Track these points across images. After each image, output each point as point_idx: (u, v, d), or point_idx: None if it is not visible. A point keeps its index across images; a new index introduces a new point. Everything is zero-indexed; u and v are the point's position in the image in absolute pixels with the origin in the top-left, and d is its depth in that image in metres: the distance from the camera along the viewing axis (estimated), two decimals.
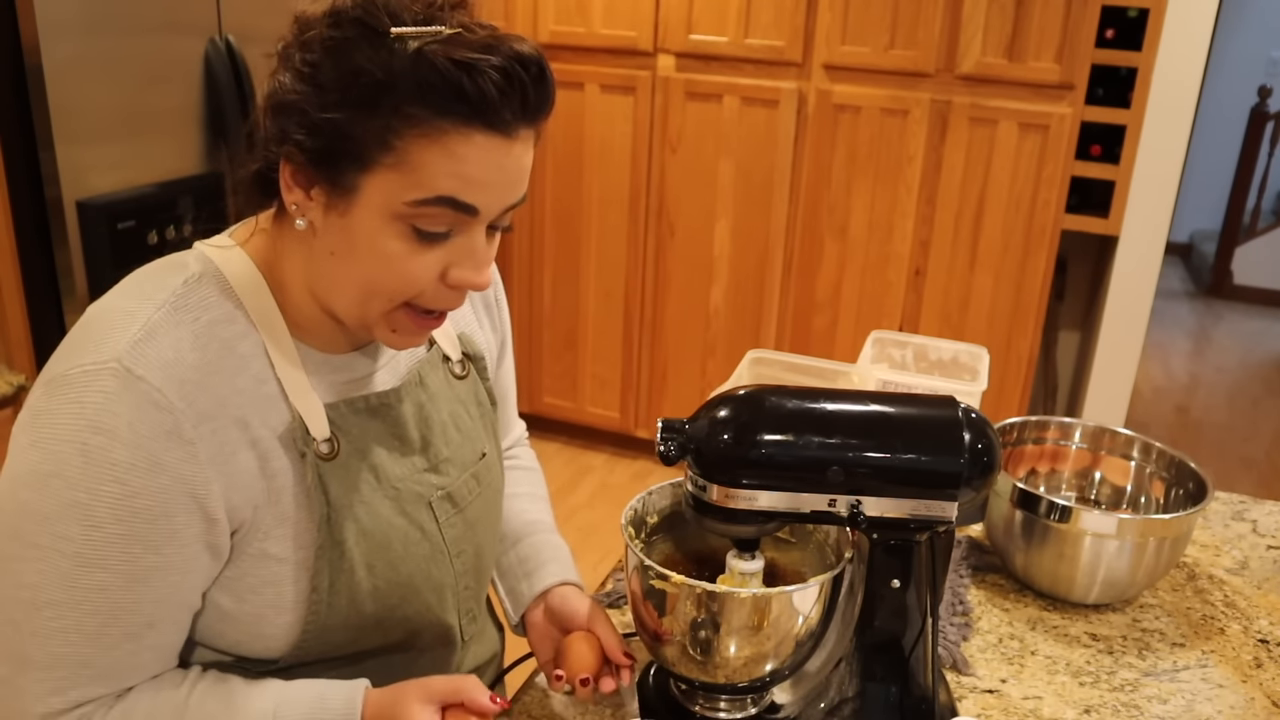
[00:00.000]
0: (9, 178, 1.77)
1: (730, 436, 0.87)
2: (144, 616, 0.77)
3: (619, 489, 3.33)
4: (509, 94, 0.74)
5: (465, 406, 0.98)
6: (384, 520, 0.88)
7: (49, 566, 0.74)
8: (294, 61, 0.76)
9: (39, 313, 1.85)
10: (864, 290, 3.00)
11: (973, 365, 1.53)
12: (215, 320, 0.80)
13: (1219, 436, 4.05)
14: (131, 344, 0.75)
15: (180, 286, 0.80)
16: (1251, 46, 5.65)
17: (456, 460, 0.96)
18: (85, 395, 0.74)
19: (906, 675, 0.93)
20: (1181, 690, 1.07)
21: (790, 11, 2.84)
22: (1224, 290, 5.79)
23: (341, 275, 0.79)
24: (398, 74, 0.72)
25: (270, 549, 0.82)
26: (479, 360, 1.01)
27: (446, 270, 0.80)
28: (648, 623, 0.94)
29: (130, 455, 0.73)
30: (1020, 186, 2.76)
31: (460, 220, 0.78)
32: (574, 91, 3.13)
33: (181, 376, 0.76)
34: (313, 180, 0.77)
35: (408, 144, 0.73)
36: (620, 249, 3.25)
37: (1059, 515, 1.15)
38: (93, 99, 1.82)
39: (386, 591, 0.88)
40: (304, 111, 0.75)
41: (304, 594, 0.84)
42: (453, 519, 0.94)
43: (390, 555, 0.88)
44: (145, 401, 0.74)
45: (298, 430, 0.82)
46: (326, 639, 0.86)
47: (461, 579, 0.96)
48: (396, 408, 0.90)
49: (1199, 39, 2.63)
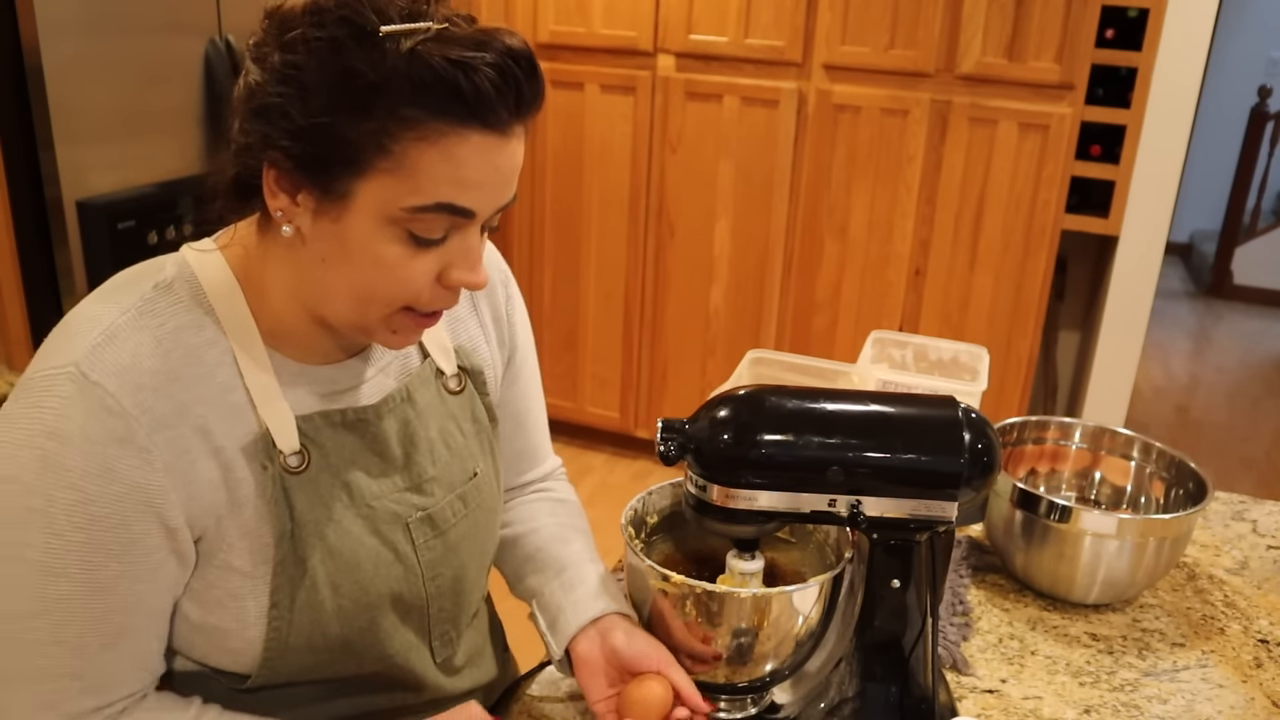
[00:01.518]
0: (9, 178, 1.77)
1: (730, 436, 0.87)
2: (114, 625, 0.76)
3: (619, 489, 3.33)
4: (504, 91, 0.72)
5: (458, 423, 0.95)
6: (354, 539, 0.85)
7: (15, 572, 0.73)
8: (272, 61, 0.73)
9: (39, 313, 1.85)
10: (864, 290, 3.00)
11: (973, 365, 1.53)
12: (182, 326, 0.78)
13: (1219, 436, 4.05)
14: (90, 349, 0.74)
15: (150, 291, 0.78)
16: (1251, 46, 5.65)
17: (443, 480, 0.92)
18: (44, 400, 0.73)
19: (906, 675, 0.93)
20: (1181, 690, 1.07)
21: (790, 11, 2.84)
22: (1224, 290, 5.79)
23: (336, 282, 0.77)
24: (391, 75, 0.69)
25: (233, 561, 0.80)
26: (477, 375, 0.97)
27: (443, 272, 0.78)
28: (647, 623, 0.94)
29: (84, 462, 0.72)
30: (1020, 186, 2.76)
31: (457, 224, 0.76)
32: (574, 91, 3.13)
33: (138, 382, 0.74)
34: (299, 185, 0.74)
35: (405, 147, 0.71)
36: (620, 249, 3.25)
37: (1059, 515, 1.15)
38: (93, 99, 1.82)
39: (353, 613, 0.85)
40: (289, 115, 0.71)
41: (264, 610, 0.81)
42: (431, 541, 0.91)
43: (359, 576, 0.85)
44: (99, 407, 0.72)
45: (262, 441, 0.79)
46: (291, 660, 0.84)
47: (435, 601, 0.92)
48: (376, 424, 0.87)
49: (1199, 39, 2.63)
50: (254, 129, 0.74)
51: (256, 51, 0.74)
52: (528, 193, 3.30)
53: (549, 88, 3.58)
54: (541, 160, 3.25)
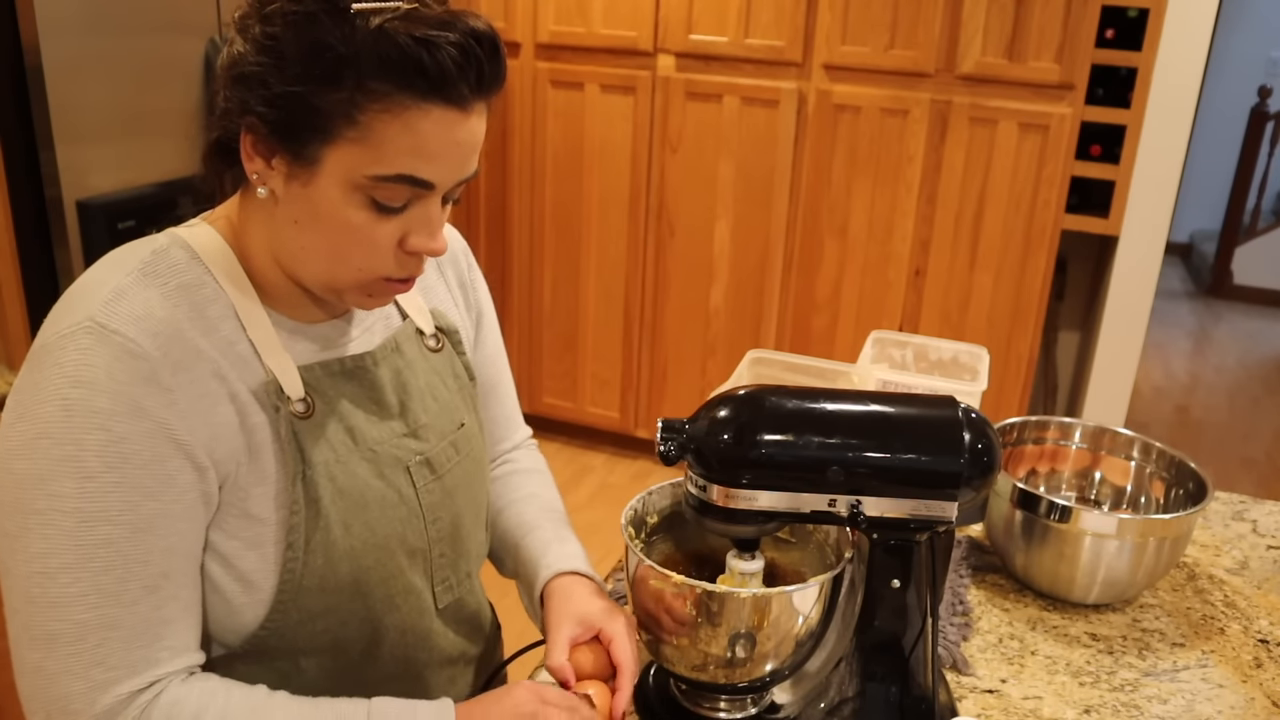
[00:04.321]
0: (9, 178, 1.77)
1: (730, 436, 0.87)
2: (157, 567, 0.77)
3: (619, 489, 3.33)
4: (466, 69, 0.76)
5: (441, 378, 0.99)
6: (361, 481, 0.88)
7: (52, 529, 0.74)
8: (254, 33, 0.78)
9: (39, 313, 1.85)
10: (864, 290, 3.00)
11: (973, 365, 1.53)
12: (185, 284, 0.82)
13: (1219, 436, 4.05)
14: (103, 303, 0.77)
15: (149, 255, 0.82)
16: (1251, 46, 5.65)
17: (435, 427, 0.96)
18: (63, 356, 0.75)
19: (906, 675, 0.93)
20: (1181, 690, 1.07)
21: (790, 11, 2.84)
22: (1224, 290, 5.79)
23: (306, 244, 0.82)
24: (360, 48, 0.74)
25: (252, 509, 0.83)
26: (453, 334, 1.03)
27: (404, 238, 0.82)
28: (648, 623, 0.94)
29: (111, 402, 0.74)
30: (1020, 186, 2.76)
31: (417, 194, 0.81)
32: (574, 91, 3.13)
33: (154, 329, 0.77)
34: (274, 150, 0.79)
35: (370, 119, 0.75)
36: (620, 249, 3.25)
37: (1059, 515, 1.15)
38: (93, 99, 1.82)
39: (362, 552, 0.88)
40: (265, 83, 0.77)
41: (281, 553, 0.84)
42: (431, 485, 0.95)
43: (367, 516, 0.89)
44: (121, 351, 0.75)
45: (272, 386, 0.83)
46: (303, 603, 0.86)
47: (436, 545, 0.96)
48: (373, 371, 0.92)
49: (1199, 39, 2.63)
50: (234, 95, 0.79)
51: (241, 23, 0.80)
52: (528, 193, 3.30)
53: (549, 87, 3.58)
54: (541, 160, 3.25)
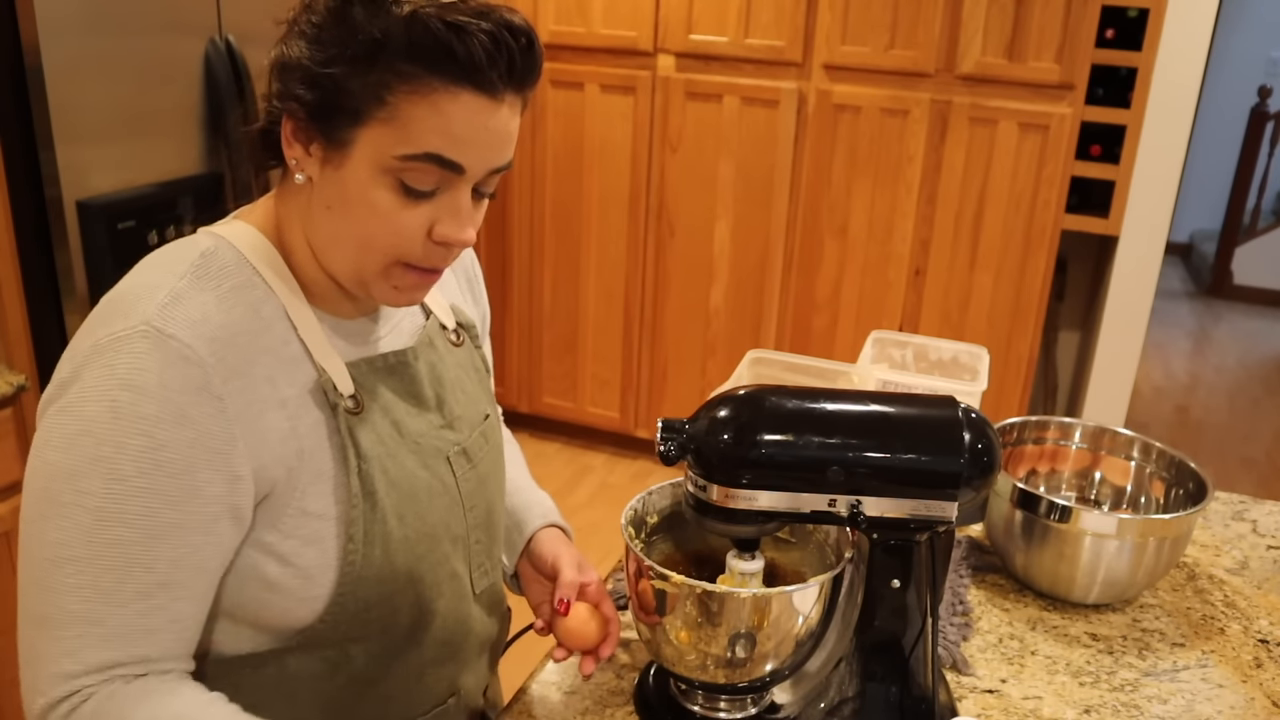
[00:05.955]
0: (9, 178, 1.77)
1: (730, 436, 0.87)
2: (158, 575, 0.78)
3: (619, 489, 3.33)
4: (496, 57, 0.78)
5: (465, 372, 1.02)
6: (409, 472, 0.91)
7: (71, 523, 0.76)
8: (300, 25, 0.81)
9: (39, 313, 1.85)
10: (864, 290, 3.00)
11: (973, 365, 1.53)
12: (237, 286, 0.83)
13: (1219, 436, 4.05)
14: (160, 307, 0.78)
15: (198, 258, 0.83)
16: (1251, 46, 5.65)
17: (466, 419, 0.99)
18: (116, 358, 0.76)
19: (906, 675, 0.93)
20: (1181, 690, 1.07)
21: (790, 11, 2.84)
22: (1224, 290, 5.79)
23: (337, 229, 0.83)
24: (392, 32, 0.76)
25: (309, 506, 0.84)
26: (471, 329, 1.05)
27: (433, 227, 0.83)
28: (648, 623, 0.94)
29: (159, 409, 0.76)
30: (1020, 186, 2.76)
31: (446, 178, 0.81)
32: (574, 91, 3.13)
33: (210, 335, 0.79)
34: (311, 136, 0.81)
35: (399, 99, 0.77)
36: (620, 249, 3.25)
37: (1059, 515, 1.15)
38: (93, 99, 1.82)
39: (415, 541, 0.91)
40: (306, 68, 0.79)
41: (341, 547, 0.86)
42: (468, 473, 0.97)
43: (418, 506, 0.91)
44: (176, 357, 0.77)
45: (326, 385, 0.85)
46: (361, 593, 0.88)
47: (474, 532, 0.99)
48: (413, 365, 0.94)
49: (1199, 39, 2.63)
50: (279, 83, 0.82)
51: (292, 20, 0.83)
52: (528, 193, 3.30)
53: (549, 87, 3.58)
54: (541, 160, 3.25)
